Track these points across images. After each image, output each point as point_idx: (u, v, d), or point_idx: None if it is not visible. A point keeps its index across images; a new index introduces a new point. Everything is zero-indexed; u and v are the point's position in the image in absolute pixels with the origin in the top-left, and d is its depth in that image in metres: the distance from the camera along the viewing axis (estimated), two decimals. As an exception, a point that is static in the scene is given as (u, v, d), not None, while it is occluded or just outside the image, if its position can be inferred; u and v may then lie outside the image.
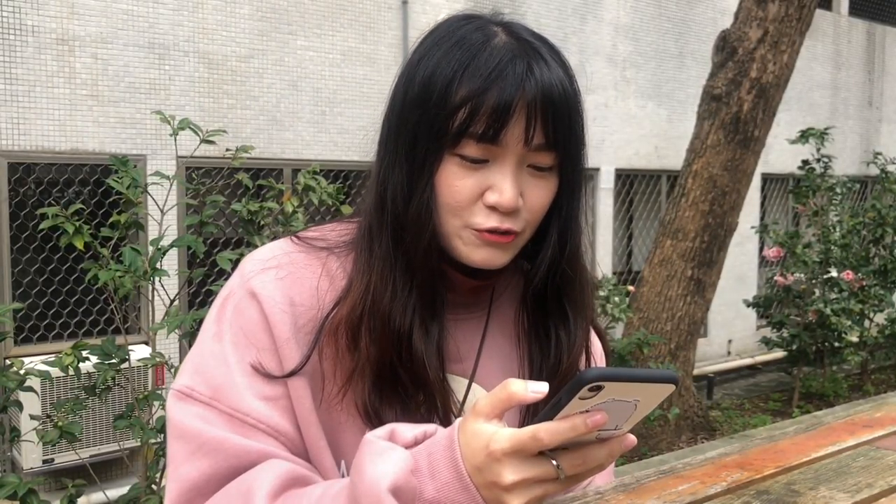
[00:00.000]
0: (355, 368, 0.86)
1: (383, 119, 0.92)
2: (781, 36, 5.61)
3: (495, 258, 0.88)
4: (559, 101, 0.84)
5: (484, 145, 0.83)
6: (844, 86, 9.94)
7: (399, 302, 0.87)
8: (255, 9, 5.46)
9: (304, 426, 0.86)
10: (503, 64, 0.82)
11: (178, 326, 2.57)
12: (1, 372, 2.46)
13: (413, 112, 0.86)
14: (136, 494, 2.60)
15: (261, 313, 0.86)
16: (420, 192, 0.86)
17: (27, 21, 4.63)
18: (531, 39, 0.87)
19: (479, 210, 0.86)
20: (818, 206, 7.23)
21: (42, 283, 4.79)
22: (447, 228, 0.87)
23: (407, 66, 0.90)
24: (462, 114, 0.82)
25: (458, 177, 0.85)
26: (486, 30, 0.87)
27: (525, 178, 0.86)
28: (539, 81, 0.83)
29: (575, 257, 0.94)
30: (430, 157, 0.85)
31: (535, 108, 0.82)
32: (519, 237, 0.88)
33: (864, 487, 0.90)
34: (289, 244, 0.94)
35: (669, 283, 5.80)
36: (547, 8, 7.04)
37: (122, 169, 2.76)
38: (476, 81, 0.82)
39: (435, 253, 0.88)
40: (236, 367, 0.85)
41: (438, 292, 0.90)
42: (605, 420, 0.66)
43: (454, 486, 0.71)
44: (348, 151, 5.95)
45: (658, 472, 0.96)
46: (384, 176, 0.89)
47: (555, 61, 0.86)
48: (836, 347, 7.26)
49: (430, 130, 0.84)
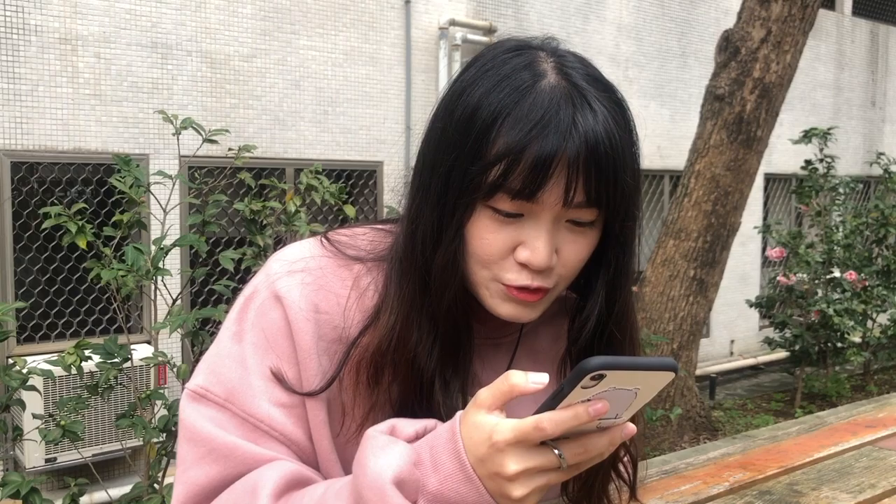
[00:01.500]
0: (375, 404, 0.85)
1: (420, 146, 0.87)
2: (784, 36, 5.60)
3: (523, 314, 0.85)
4: (604, 156, 0.77)
5: (519, 202, 0.78)
6: (847, 86, 9.93)
7: (424, 347, 0.84)
8: (258, 8, 5.46)
9: (317, 438, 0.85)
10: (548, 117, 0.76)
11: (180, 326, 2.57)
12: (4, 371, 2.47)
13: (448, 154, 0.80)
14: (139, 493, 2.60)
15: (284, 318, 0.84)
16: (449, 240, 0.81)
17: (30, 20, 4.63)
18: (582, 83, 0.79)
19: (510, 265, 0.81)
20: (821, 207, 7.21)
21: (45, 282, 4.80)
22: (475, 278, 0.84)
23: (448, 95, 0.84)
24: (498, 168, 0.77)
25: (490, 230, 0.80)
26: (536, 68, 0.80)
27: (562, 234, 0.82)
28: (583, 136, 0.76)
29: (623, 316, 0.89)
30: (461, 205, 0.80)
31: (577, 166, 0.76)
32: (550, 293, 0.85)
33: (867, 488, 0.90)
34: (318, 247, 0.91)
35: (672, 282, 5.79)
36: (550, 8, 7.03)
37: (124, 168, 2.77)
38: (516, 134, 0.76)
39: (460, 308, 0.84)
40: (254, 370, 0.84)
41: (463, 344, 0.87)
42: (606, 409, 0.66)
43: (457, 478, 0.71)
44: (351, 150, 5.95)
45: (661, 472, 0.96)
46: (415, 213, 0.84)
47: (605, 107, 0.79)
48: (839, 348, 7.24)
49: (463, 178, 0.79)
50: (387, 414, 0.84)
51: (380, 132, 6.08)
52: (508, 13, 6.80)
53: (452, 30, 6.30)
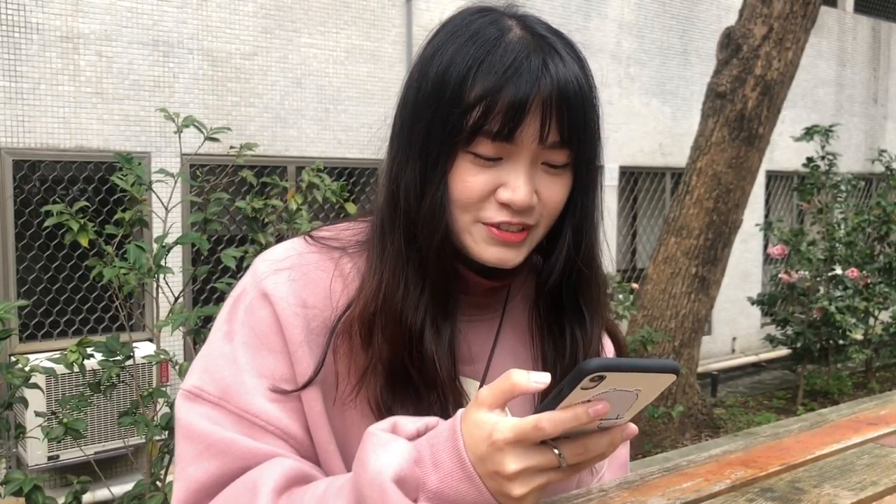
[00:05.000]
0: (369, 366, 0.86)
1: (395, 114, 0.90)
2: (786, 33, 5.59)
3: (508, 256, 0.87)
4: (574, 97, 0.82)
5: (498, 143, 0.82)
6: (849, 83, 9.91)
7: (411, 300, 0.86)
8: (259, 6, 5.47)
9: (314, 429, 0.85)
10: (518, 61, 0.81)
11: (182, 323, 2.57)
12: (6, 369, 2.47)
13: (426, 109, 0.84)
14: (141, 491, 2.60)
15: (273, 315, 0.86)
16: (433, 189, 0.84)
17: (32, 19, 4.63)
18: (546, 34, 0.86)
19: (492, 205, 0.85)
20: (823, 204, 7.21)
21: (47, 280, 4.80)
22: (458, 225, 0.86)
23: (420, 61, 0.88)
24: (476, 112, 0.81)
25: (472, 173, 0.84)
26: (501, 24, 0.85)
27: (539, 176, 0.85)
28: (554, 78, 0.81)
29: (591, 255, 0.93)
30: (444, 154, 0.84)
31: (551, 106, 0.81)
32: (532, 233, 0.87)
33: (869, 485, 0.90)
34: (302, 244, 0.93)
35: (674, 280, 5.79)
36: (551, 5, 7.03)
37: (126, 166, 2.77)
38: (491, 79, 0.81)
39: (448, 251, 0.86)
40: (246, 368, 0.85)
41: (451, 292, 0.89)
42: (606, 410, 0.66)
43: (457, 476, 0.71)
44: (352, 149, 5.95)
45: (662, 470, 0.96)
46: (396, 172, 0.88)
47: (570, 56, 0.85)
48: (841, 345, 7.25)
49: (443, 128, 0.83)
50: (379, 376, 0.85)
51: (381, 130, 6.02)
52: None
53: (454, 27, 6.30)
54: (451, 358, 0.88)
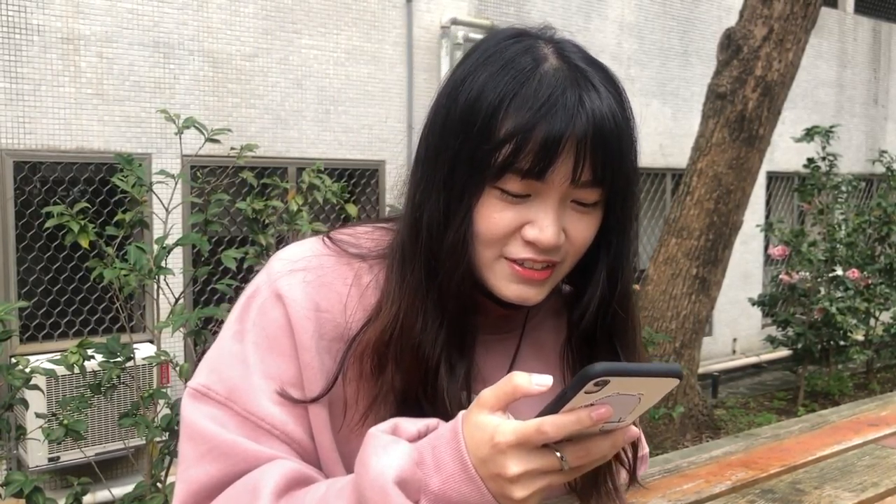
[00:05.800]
0: (378, 395, 0.84)
1: (421, 136, 0.87)
2: (787, 34, 5.59)
3: (530, 294, 0.84)
4: (610, 135, 0.79)
5: (528, 181, 0.79)
6: (850, 84, 9.91)
7: (429, 335, 0.84)
8: (260, 7, 5.47)
9: (318, 436, 0.85)
10: (554, 97, 0.77)
11: (182, 324, 2.57)
12: (7, 370, 2.47)
13: (454, 138, 0.81)
14: (141, 492, 2.60)
15: (285, 317, 0.85)
16: (457, 223, 0.82)
17: (32, 20, 4.64)
18: (583, 65, 0.82)
19: (516, 242, 0.82)
20: (823, 205, 7.20)
21: (47, 281, 4.80)
22: (481, 260, 0.84)
23: (449, 83, 0.84)
24: (507, 149, 0.78)
25: (498, 209, 0.81)
26: (536, 52, 0.82)
27: (568, 214, 0.82)
28: (590, 115, 0.78)
29: (625, 297, 0.89)
30: (470, 187, 0.81)
31: (585, 145, 0.78)
32: (557, 270, 0.85)
33: (870, 486, 0.90)
34: (320, 245, 0.91)
35: (674, 281, 5.79)
36: (552, 6, 7.03)
37: (127, 167, 2.77)
38: (524, 115, 0.77)
39: (468, 287, 0.84)
40: (255, 369, 0.84)
41: (469, 329, 0.87)
42: (609, 414, 0.66)
43: (459, 478, 0.71)
44: (352, 150, 5.95)
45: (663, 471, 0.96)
46: (420, 200, 0.84)
47: (607, 89, 0.81)
48: (842, 346, 7.24)
49: (471, 161, 0.80)
50: (390, 405, 0.84)
51: (381, 131, 6.08)
52: (510, 11, 6.80)
53: (454, 29, 6.30)
54: (466, 392, 0.85)
